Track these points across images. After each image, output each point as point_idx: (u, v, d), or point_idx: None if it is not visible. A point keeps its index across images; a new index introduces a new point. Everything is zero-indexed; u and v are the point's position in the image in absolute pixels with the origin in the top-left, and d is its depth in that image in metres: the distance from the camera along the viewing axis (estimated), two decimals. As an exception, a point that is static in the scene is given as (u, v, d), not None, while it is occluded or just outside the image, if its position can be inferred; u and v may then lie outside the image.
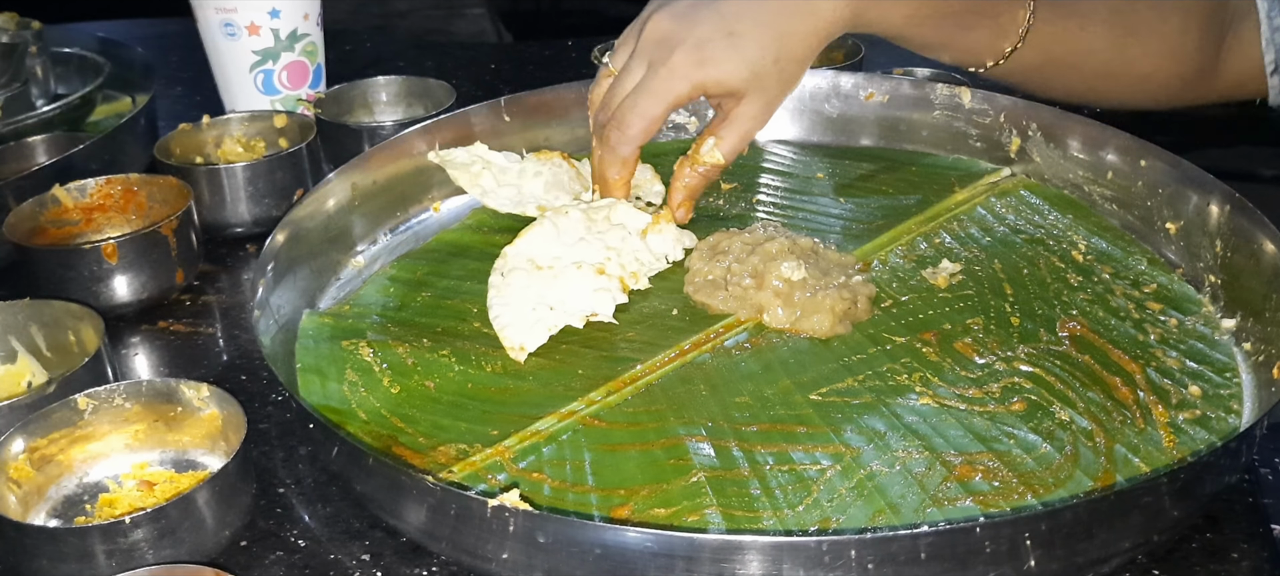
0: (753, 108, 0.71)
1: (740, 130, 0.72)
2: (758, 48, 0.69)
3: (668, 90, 0.69)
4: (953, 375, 0.62)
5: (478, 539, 0.49)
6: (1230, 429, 0.58)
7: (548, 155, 0.85)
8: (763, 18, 0.69)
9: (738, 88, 0.70)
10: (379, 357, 0.64)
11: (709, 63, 0.69)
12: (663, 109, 0.70)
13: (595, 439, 0.58)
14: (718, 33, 0.69)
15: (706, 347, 0.65)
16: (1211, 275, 0.69)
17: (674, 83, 0.69)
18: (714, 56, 0.69)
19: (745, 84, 0.70)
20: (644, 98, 0.70)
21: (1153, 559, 0.51)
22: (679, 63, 0.69)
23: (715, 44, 0.69)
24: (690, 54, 0.69)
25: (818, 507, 0.53)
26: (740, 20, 0.69)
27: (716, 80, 0.69)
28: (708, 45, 0.69)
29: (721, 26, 0.69)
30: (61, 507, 0.55)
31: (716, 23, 0.69)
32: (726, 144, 0.73)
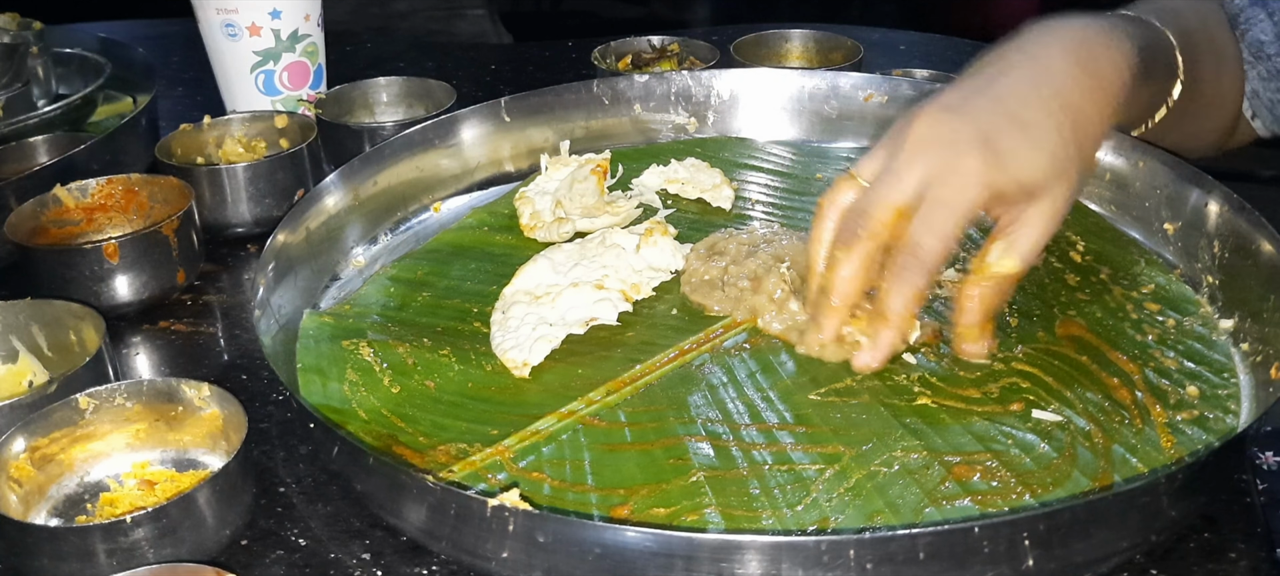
0: (1052, 205, 0.60)
1: (1038, 232, 0.60)
2: (1056, 135, 0.59)
3: (962, 200, 0.57)
4: (951, 375, 0.62)
5: (477, 538, 0.49)
6: (1228, 429, 0.58)
7: (561, 160, 0.85)
8: (1050, 101, 0.59)
9: (1038, 185, 0.59)
10: (379, 357, 0.64)
11: (1006, 161, 0.58)
12: (960, 225, 0.58)
13: (595, 438, 0.58)
14: (1006, 124, 0.58)
15: (706, 348, 0.65)
16: (1209, 275, 0.69)
17: (968, 190, 0.57)
18: (1010, 152, 0.58)
19: (1045, 180, 0.59)
20: (937, 213, 0.58)
21: (1151, 558, 0.51)
22: (971, 167, 0.57)
23: (1007, 137, 0.58)
24: (982, 154, 0.57)
25: (816, 507, 0.53)
26: (1026, 107, 0.59)
27: (1015, 180, 0.58)
28: (999, 140, 0.58)
29: (1007, 117, 0.59)
30: (62, 507, 0.55)
31: (999, 113, 0.59)
32: (1021, 248, 0.60)
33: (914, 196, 0.58)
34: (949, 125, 0.59)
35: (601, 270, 0.70)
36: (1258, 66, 0.75)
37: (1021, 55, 0.62)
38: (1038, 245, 0.60)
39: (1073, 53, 0.61)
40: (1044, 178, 0.59)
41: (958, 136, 0.58)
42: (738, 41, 1.05)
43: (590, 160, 0.84)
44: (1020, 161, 0.58)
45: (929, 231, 0.58)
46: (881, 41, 1.23)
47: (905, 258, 0.59)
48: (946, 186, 0.58)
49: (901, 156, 0.59)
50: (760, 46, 1.09)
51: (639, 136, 0.92)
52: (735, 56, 1.03)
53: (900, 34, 1.27)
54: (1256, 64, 0.75)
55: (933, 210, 0.58)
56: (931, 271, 0.58)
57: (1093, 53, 0.62)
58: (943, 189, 0.58)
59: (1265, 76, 0.75)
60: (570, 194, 0.80)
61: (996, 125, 0.58)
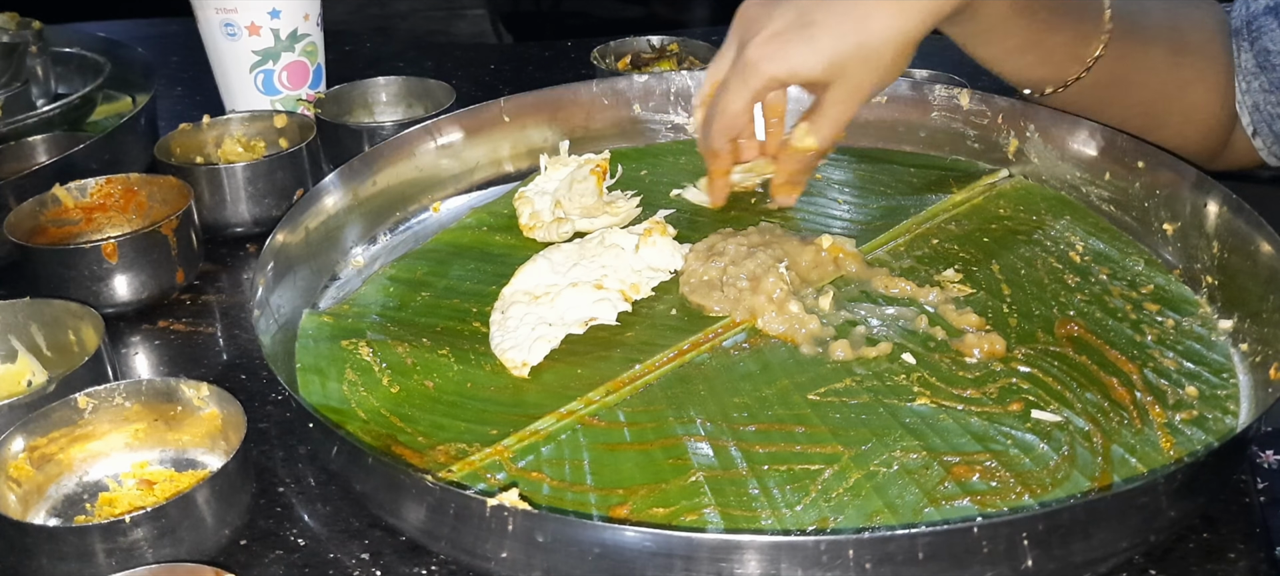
0: (838, 94, 0.70)
1: (829, 116, 0.71)
2: (835, 36, 0.68)
3: (744, 85, 0.70)
4: (950, 375, 0.62)
5: (477, 538, 0.49)
6: (1227, 429, 0.58)
7: (560, 160, 0.85)
8: (843, 6, 0.68)
9: (817, 78, 0.69)
10: (378, 357, 0.64)
11: (782, 56, 0.68)
12: (743, 102, 0.71)
13: (594, 438, 0.58)
14: (794, 24, 0.68)
15: (705, 348, 0.65)
16: (1208, 276, 0.69)
17: (749, 78, 0.70)
18: (787, 49, 0.68)
19: (825, 74, 0.69)
20: (726, 94, 0.72)
21: (1150, 559, 0.51)
22: (753, 56, 0.69)
23: (789, 35, 0.68)
24: (764, 46, 0.69)
25: (815, 507, 0.53)
26: (818, 8, 0.68)
27: (791, 72, 0.69)
28: (782, 37, 0.68)
29: (799, 17, 0.69)
30: (61, 506, 0.55)
31: (794, 13, 0.69)
32: (818, 131, 0.72)
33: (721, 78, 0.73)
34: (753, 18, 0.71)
35: (600, 270, 0.70)
36: (1261, 77, 0.75)
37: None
38: (833, 127, 0.72)
39: None
40: (821, 73, 0.68)
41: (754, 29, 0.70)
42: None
43: (590, 160, 0.84)
44: (796, 57, 0.68)
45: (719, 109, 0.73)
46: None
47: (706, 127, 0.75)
48: (736, 72, 0.71)
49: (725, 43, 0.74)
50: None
51: (639, 136, 0.92)
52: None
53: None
54: (1260, 75, 0.75)
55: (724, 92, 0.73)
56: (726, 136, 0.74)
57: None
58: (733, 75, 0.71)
59: (1267, 88, 0.75)
60: (569, 194, 0.80)
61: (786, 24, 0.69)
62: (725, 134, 0.74)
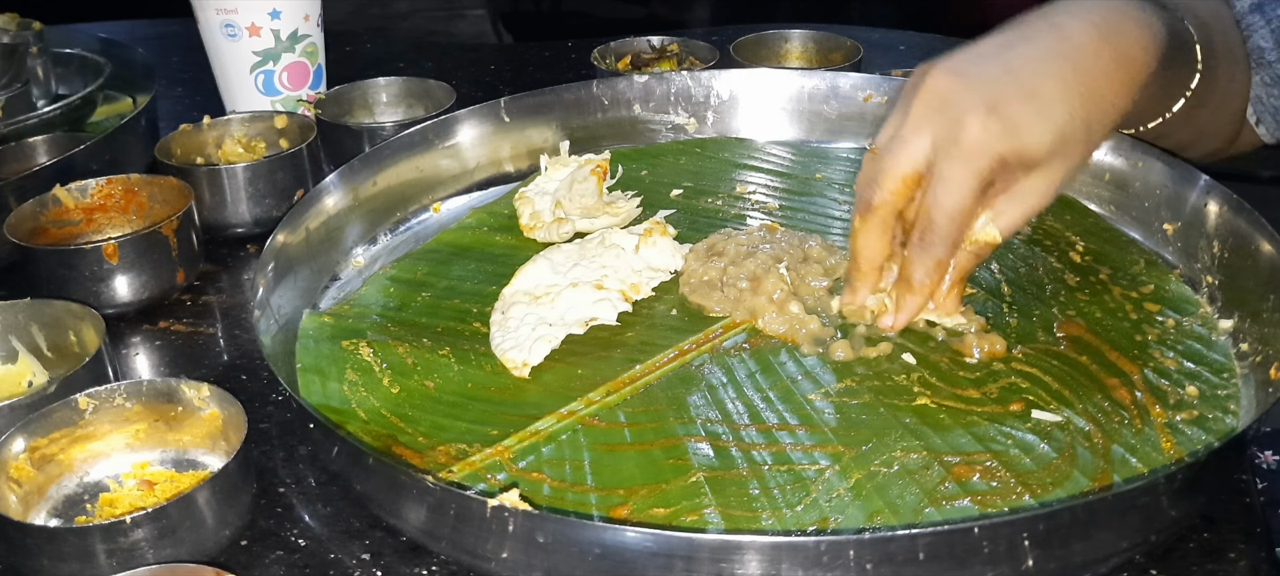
0: (1049, 181, 0.59)
1: (1027, 206, 0.59)
2: (1067, 110, 0.57)
3: (968, 175, 0.57)
4: (950, 375, 0.62)
5: (477, 538, 0.49)
6: (1228, 429, 0.58)
7: (561, 161, 0.85)
8: (1067, 74, 0.58)
9: (1042, 158, 0.58)
10: (379, 357, 0.64)
11: (1014, 132, 0.56)
12: (970, 199, 0.58)
13: (595, 439, 0.58)
14: (1015, 93, 0.57)
15: (705, 348, 0.65)
16: (1209, 276, 0.69)
17: (974, 162, 0.57)
18: (1018, 123, 0.56)
19: (1049, 154, 0.58)
20: (949, 189, 0.58)
21: (1151, 558, 0.51)
22: (976, 138, 0.56)
23: (1015, 106, 0.57)
24: (986, 123, 0.56)
25: (816, 508, 0.53)
26: (1039, 77, 0.57)
27: (1020, 151, 0.57)
28: (1006, 107, 0.56)
29: (1018, 85, 0.57)
30: (62, 507, 0.55)
31: (1010, 80, 0.57)
32: (1007, 221, 0.60)
33: (921, 163, 0.58)
34: (956, 89, 0.57)
35: (601, 270, 0.70)
36: (1260, 72, 0.75)
37: (1044, 23, 0.60)
38: (1026, 219, 0.61)
39: (1098, 27, 0.59)
40: (1048, 152, 0.58)
41: (964, 102, 0.57)
42: (737, 41, 1.05)
43: (590, 160, 0.84)
44: (1027, 132, 0.57)
45: (938, 207, 0.58)
46: (881, 42, 1.23)
47: (920, 233, 0.60)
48: (951, 159, 0.57)
49: (908, 123, 0.59)
50: (760, 47, 1.09)
51: (638, 137, 0.92)
52: (735, 57, 1.03)
53: (900, 34, 1.27)
54: (1259, 70, 0.75)
55: (940, 185, 0.58)
56: (948, 242, 0.59)
57: (1120, 29, 0.60)
58: (948, 162, 0.57)
59: (1268, 82, 0.75)
60: (570, 194, 0.80)
61: (1004, 92, 0.57)
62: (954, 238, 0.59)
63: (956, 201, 0.58)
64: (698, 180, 0.85)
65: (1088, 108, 0.58)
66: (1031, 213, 0.60)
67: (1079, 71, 0.58)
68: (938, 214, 0.58)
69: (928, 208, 0.59)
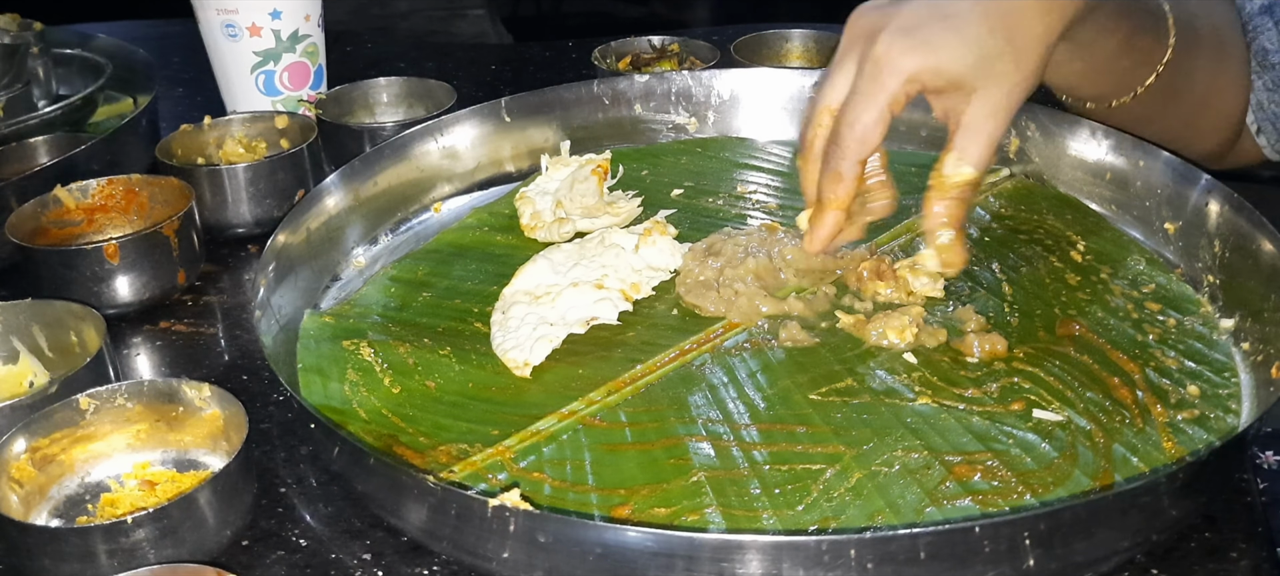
0: (989, 102, 0.60)
1: (983, 132, 0.60)
2: (982, 27, 0.59)
3: (879, 89, 0.59)
4: (951, 375, 0.62)
5: (478, 538, 0.49)
6: (1229, 428, 0.58)
7: (561, 161, 0.85)
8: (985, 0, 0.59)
9: (963, 77, 0.59)
10: (380, 357, 0.64)
11: (923, 48, 0.59)
12: (878, 111, 0.60)
13: (595, 439, 0.58)
14: (929, 17, 0.59)
15: (706, 348, 0.65)
16: (1210, 275, 0.69)
17: (885, 78, 0.59)
18: (929, 41, 0.59)
19: (973, 72, 0.59)
20: (856, 104, 0.60)
21: (1152, 558, 0.51)
22: (886, 53, 0.59)
23: (927, 28, 0.59)
24: (899, 40, 0.59)
25: (817, 507, 0.53)
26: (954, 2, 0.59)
27: (934, 68, 0.59)
28: (919, 31, 0.59)
29: (933, 11, 0.59)
30: (63, 507, 0.55)
31: (927, 7, 0.60)
32: (971, 152, 0.61)
33: (844, 93, 0.61)
34: (872, 19, 0.61)
35: (601, 270, 0.70)
36: (1263, 76, 0.74)
37: None
38: (987, 147, 0.61)
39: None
40: (968, 70, 0.59)
41: (878, 27, 0.60)
42: (738, 41, 1.05)
43: (591, 160, 0.84)
44: (941, 50, 0.59)
45: (847, 123, 0.61)
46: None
47: (830, 147, 0.63)
48: (864, 76, 0.60)
49: (835, 59, 0.63)
50: (760, 46, 1.09)
51: (639, 136, 0.92)
52: (735, 56, 1.03)
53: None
54: (1263, 73, 0.74)
55: (853, 101, 0.61)
56: (856, 156, 0.62)
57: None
58: (861, 79, 0.60)
59: (1270, 87, 0.74)
60: (571, 194, 0.80)
61: (918, 17, 0.60)
62: (856, 153, 0.61)
63: (861, 113, 0.60)
64: (698, 180, 0.85)
65: (1007, 25, 0.59)
66: (990, 140, 0.61)
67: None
68: (843, 126, 0.61)
69: (839, 124, 0.62)
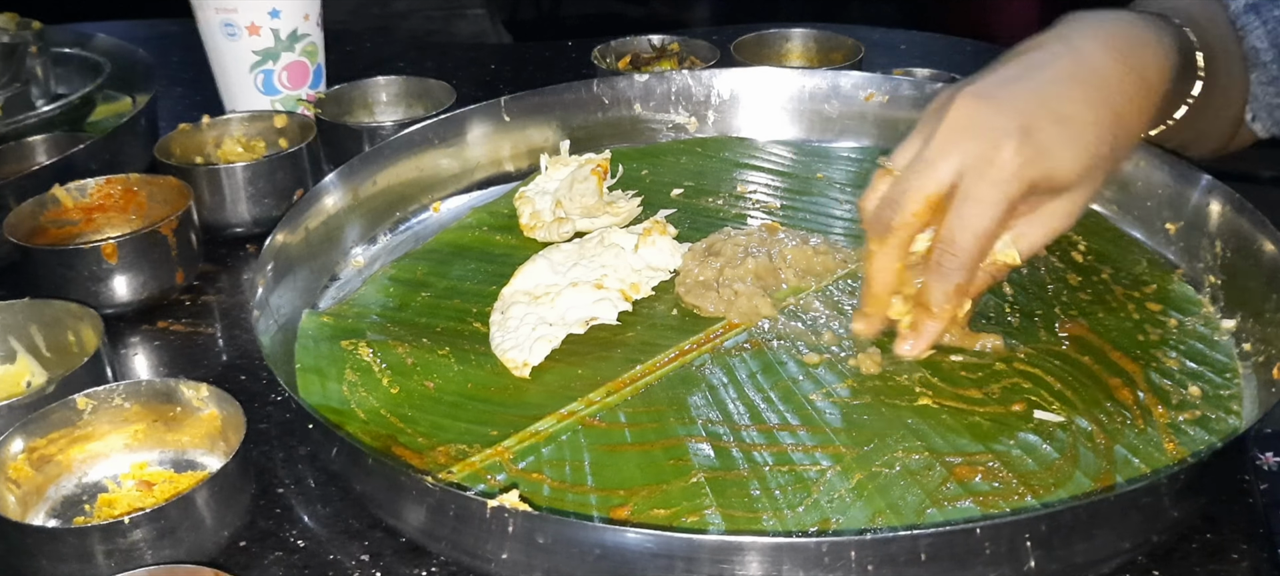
0: (1072, 204, 0.59)
1: (1049, 228, 0.59)
2: (1096, 135, 0.57)
3: (998, 195, 0.56)
4: (953, 376, 0.62)
5: (477, 539, 0.49)
6: (1230, 429, 0.58)
7: (561, 160, 0.85)
8: (1093, 99, 0.57)
9: (1071, 182, 0.58)
10: (378, 357, 0.64)
11: (1044, 158, 0.56)
12: (998, 222, 0.57)
13: (595, 439, 0.58)
14: (1044, 118, 0.56)
15: (706, 348, 0.65)
16: (1211, 275, 0.69)
17: (1006, 186, 0.56)
18: (1049, 148, 0.56)
19: (1079, 177, 0.57)
20: (973, 209, 0.56)
21: (1153, 559, 0.51)
22: (1008, 161, 0.55)
23: (1046, 131, 0.56)
24: (1020, 147, 0.55)
25: (817, 508, 0.53)
26: (1066, 101, 0.57)
27: (1049, 176, 0.57)
28: (1038, 134, 0.56)
29: (1046, 109, 0.56)
30: (61, 508, 0.55)
31: (1038, 104, 0.57)
32: (1028, 243, 0.60)
33: (947, 185, 0.57)
34: (985, 113, 0.56)
35: (600, 269, 0.70)
36: (1256, 71, 0.75)
37: (1063, 46, 0.59)
38: (1046, 241, 0.60)
39: (1118, 50, 0.59)
40: (1077, 177, 0.57)
41: (994, 125, 0.56)
42: (738, 41, 1.05)
43: (590, 160, 0.84)
44: (1058, 157, 0.56)
45: (964, 227, 0.57)
46: (881, 41, 1.23)
47: (941, 254, 0.58)
48: (982, 179, 0.56)
49: (934, 144, 0.57)
50: (760, 46, 1.08)
51: (639, 136, 0.92)
52: (735, 56, 1.02)
53: (900, 33, 1.27)
54: (1254, 69, 0.75)
55: (968, 205, 0.56)
56: (970, 266, 0.58)
57: (1137, 51, 0.59)
58: (978, 183, 0.56)
59: (1264, 81, 0.74)
60: (570, 194, 0.80)
61: (1035, 117, 0.56)
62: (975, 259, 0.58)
63: (985, 224, 0.56)
64: (698, 180, 0.85)
65: (1114, 132, 0.57)
66: (1053, 235, 0.60)
67: (1105, 97, 0.57)
68: (963, 235, 0.57)
69: (953, 229, 0.57)
